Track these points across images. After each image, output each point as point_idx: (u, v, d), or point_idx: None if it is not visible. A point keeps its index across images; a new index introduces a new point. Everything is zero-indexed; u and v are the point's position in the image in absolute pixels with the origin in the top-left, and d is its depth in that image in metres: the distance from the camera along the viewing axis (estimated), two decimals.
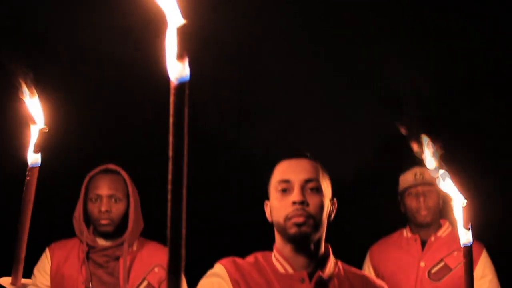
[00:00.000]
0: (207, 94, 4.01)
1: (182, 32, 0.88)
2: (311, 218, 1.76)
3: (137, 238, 2.81)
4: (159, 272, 2.75)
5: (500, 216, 3.62)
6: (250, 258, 1.92)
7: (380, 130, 3.83)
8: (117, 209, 2.71)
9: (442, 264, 2.93)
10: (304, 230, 1.75)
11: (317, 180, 1.82)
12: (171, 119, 0.88)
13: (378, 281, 1.95)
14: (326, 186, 1.86)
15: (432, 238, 3.01)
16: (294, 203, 1.76)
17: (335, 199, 1.90)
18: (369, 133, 3.94)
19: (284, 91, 4.07)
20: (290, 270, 1.82)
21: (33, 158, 1.66)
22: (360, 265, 3.09)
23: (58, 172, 2.88)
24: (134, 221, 2.75)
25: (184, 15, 0.90)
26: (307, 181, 1.80)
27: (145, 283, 2.71)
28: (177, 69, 0.87)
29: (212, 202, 3.87)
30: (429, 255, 2.98)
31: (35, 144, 1.64)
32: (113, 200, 2.71)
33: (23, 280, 1.90)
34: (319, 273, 1.79)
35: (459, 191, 1.86)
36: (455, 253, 2.90)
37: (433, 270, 2.93)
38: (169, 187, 0.89)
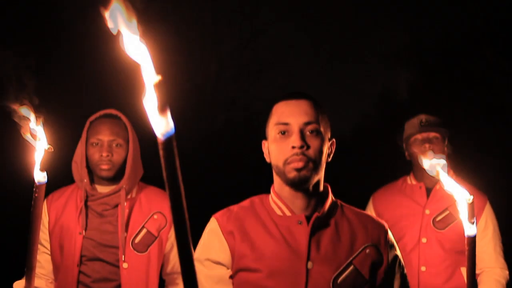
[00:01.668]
0: (207, 51, 3.97)
1: (159, 87, 0.89)
2: (311, 162, 1.75)
3: (136, 185, 2.77)
4: (158, 219, 2.72)
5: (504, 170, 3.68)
6: (245, 203, 1.91)
7: (380, 83, 3.84)
8: (118, 154, 2.68)
9: (447, 213, 2.92)
10: (303, 174, 1.74)
11: (316, 122, 1.78)
12: (164, 173, 0.92)
13: (378, 219, 1.93)
14: (325, 127, 1.83)
15: (437, 186, 2.98)
16: (293, 147, 1.74)
17: (333, 139, 1.88)
18: (370, 87, 3.95)
19: (284, 47, 4.02)
20: (288, 213, 1.81)
21: (40, 176, 1.72)
22: None
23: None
24: (132, 167, 2.71)
25: (158, 70, 0.90)
26: (307, 123, 1.77)
27: (144, 231, 2.68)
28: (162, 125, 0.89)
29: (211, 159, 3.91)
30: (434, 203, 2.97)
31: (41, 163, 1.70)
32: (114, 145, 2.68)
33: (36, 284, 2.00)
34: (317, 214, 1.78)
35: (464, 187, 1.86)
36: None
37: (438, 218, 2.93)
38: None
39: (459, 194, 1.85)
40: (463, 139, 3.22)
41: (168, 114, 0.89)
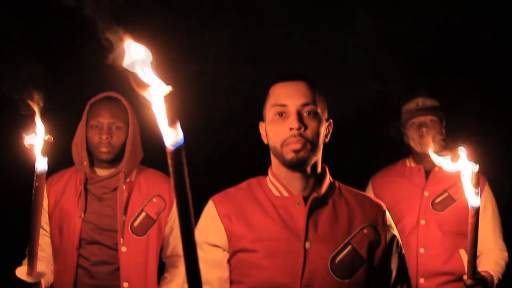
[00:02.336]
0: (207, 36, 3.96)
1: (169, 99, 0.90)
2: (308, 143, 1.75)
3: (135, 168, 2.78)
4: (157, 203, 2.73)
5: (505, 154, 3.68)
6: (243, 185, 1.92)
7: (380, 69, 3.84)
8: (118, 136, 2.69)
9: (445, 195, 2.94)
10: (301, 156, 1.75)
11: (313, 103, 1.79)
12: (172, 181, 0.93)
13: (376, 200, 1.94)
14: (323, 108, 1.84)
15: (436, 169, 2.99)
16: (291, 129, 1.75)
17: (330, 120, 1.89)
18: (369, 71, 3.94)
19: (284, 32, 4.01)
20: (285, 193, 1.82)
21: (40, 165, 1.74)
22: None
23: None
24: (132, 150, 2.72)
25: (167, 82, 0.90)
26: (304, 105, 1.78)
27: (142, 214, 2.69)
28: (171, 136, 0.90)
29: (212, 145, 3.91)
30: (433, 185, 2.99)
31: (41, 153, 1.72)
32: (113, 127, 2.69)
33: (38, 269, 2.03)
34: (314, 195, 1.79)
35: (470, 156, 1.91)
36: (459, 184, 2.84)
37: (437, 200, 2.95)
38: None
39: (465, 164, 1.87)
40: (462, 123, 3.22)
41: (178, 125, 0.90)
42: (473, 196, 1.95)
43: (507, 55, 3.75)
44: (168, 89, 0.90)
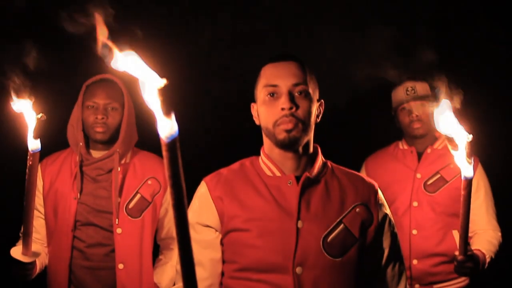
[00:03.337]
0: (201, 19, 3.94)
1: (164, 91, 0.90)
2: (300, 123, 1.76)
3: (130, 150, 2.79)
4: (152, 184, 2.75)
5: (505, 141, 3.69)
6: (235, 165, 1.93)
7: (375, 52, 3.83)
8: (113, 117, 2.70)
9: (438, 176, 2.97)
10: (293, 135, 1.76)
11: (304, 83, 1.79)
12: (167, 173, 0.94)
13: (368, 179, 1.94)
14: (314, 88, 1.84)
15: (429, 150, 3.04)
16: (283, 109, 1.75)
17: (322, 100, 1.89)
18: (364, 56, 3.92)
19: (278, 15, 3.99)
20: (278, 173, 1.83)
21: (34, 144, 1.74)
22: None
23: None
24: (127, 132, 2.72)
25: (162, 74, 0.91)
26: (295, 85, 1.78)
27: (137, 196, 2.71)
28: (166, 127, 0.90)
29: (205, 128, 3.91)
30: (425, 166, 3.01)
31: (34, 131, 1.72)
32: (109, 108, 2.69)
33: (33, 249, 2.04)
34: (307, 174, 1.80)
35: (463, 125, 1.87)
36: (451, 165, 2.92)
37: (429, 182, 2.97)
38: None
39: (459, 132, 1.85)
40: (459, 108, 3.23)
41: (173, 117, 0.90)
42: (466, 167, 1.92)
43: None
44: (163, 82, 0.90)
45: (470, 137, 1.87)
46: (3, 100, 1.69)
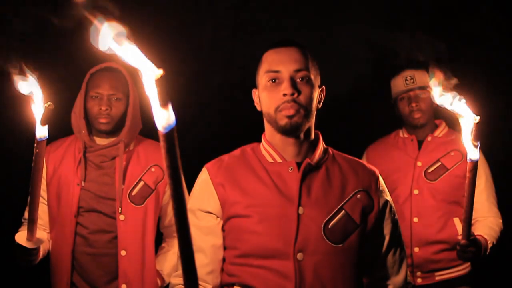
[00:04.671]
0: (202, 9, 3.94)
1: (161, 82, 0.90)
2: (302, 108, 1.76)
3: (135, 138, 2.79)
4: (155, 172, 2.75)
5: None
6: (236, 152, 1.93)
7: (375, 43, 3.83)
8: (117, 108, 2.69)
9: (438, 164, 2.98)
10: (295, 121, 1.75)
11: (306, 69, 1.79)
12: (165, 163, 0.95)
13: (369, 165, 1.95)
14: (315, 74, 1.84)
15: (429, 138, 3.06)
16: (284, 95, 1.75)
17: (323, 86, 1.89)
18: (364, 47, 3.93)
19: (279, 6, 3.99)
20: (279, 159, 1.83)
21: (41, 132, 1.76)
22: None
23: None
24: (132, 121, 2.72)
25: (158, 65, 0.90)
26: (297, 71, 1.78)
27: (141, 183, 2.71)
28: (163, 118, 0.91)
29: (207, 118, 3.92)
30: (425, 154, 3.03)
31: (41, 120, 1.73)
32: (113, 99, 2.69)
33: (38, 236, 2.06)
34: (307, 160, 1.80)
35: (469, 107, 1.85)
36: (452, 153, 2.96)
37: (430, 170, 2.98)
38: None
39: (465, 114, 1.84)
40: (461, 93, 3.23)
41: (170, 107, 0.91)
42: (472, 149, 1.91)
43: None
44: (159, 72, 0.90)
45: (478, 118, 1.85)
46: (6, 84, 1.69)
